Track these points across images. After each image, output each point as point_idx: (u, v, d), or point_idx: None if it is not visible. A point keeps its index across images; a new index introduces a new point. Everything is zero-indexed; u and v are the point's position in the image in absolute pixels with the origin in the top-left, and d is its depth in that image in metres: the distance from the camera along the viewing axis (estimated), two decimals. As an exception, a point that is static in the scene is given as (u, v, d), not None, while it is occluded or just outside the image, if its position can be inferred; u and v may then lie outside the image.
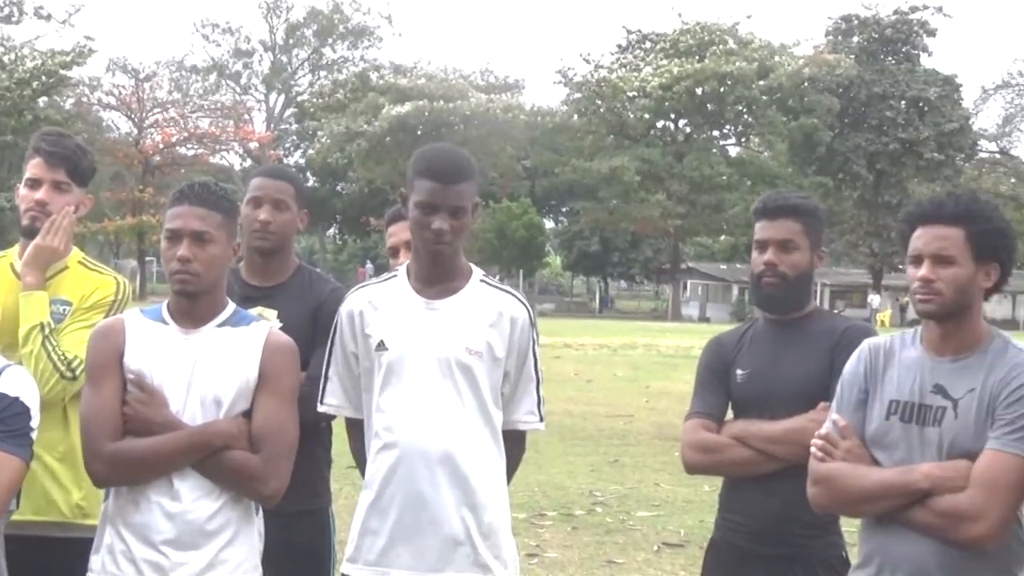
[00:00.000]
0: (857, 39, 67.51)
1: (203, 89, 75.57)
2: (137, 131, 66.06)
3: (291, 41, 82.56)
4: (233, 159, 73.98)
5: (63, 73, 54.32)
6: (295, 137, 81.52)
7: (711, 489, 7.89)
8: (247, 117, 73.30)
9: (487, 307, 3.63)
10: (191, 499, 3.33)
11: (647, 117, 64.36)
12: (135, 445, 3.32)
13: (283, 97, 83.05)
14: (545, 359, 3.90)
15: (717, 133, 67.38)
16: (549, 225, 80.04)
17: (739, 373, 3.90)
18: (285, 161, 73.72)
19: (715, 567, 4.00)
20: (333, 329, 3.74)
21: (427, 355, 3.56)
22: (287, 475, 3.41)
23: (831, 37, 68.21)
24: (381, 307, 3.65)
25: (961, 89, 67.49)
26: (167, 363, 3.38)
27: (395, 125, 60.78)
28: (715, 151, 65.75)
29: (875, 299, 62.46)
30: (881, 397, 3.30)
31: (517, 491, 8.27)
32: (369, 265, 65.39)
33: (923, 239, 3.23)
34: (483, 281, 3.69)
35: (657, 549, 8.51)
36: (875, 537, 3.30)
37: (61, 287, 3.94)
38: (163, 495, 3.32)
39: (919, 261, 3.23)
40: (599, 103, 63.84)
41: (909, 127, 64.13)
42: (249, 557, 3.42)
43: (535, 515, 9.45)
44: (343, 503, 6.02)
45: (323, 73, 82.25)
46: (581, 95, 65.26)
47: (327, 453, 4.33)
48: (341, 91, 69.66)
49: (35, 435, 3.23)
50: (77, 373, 3.73)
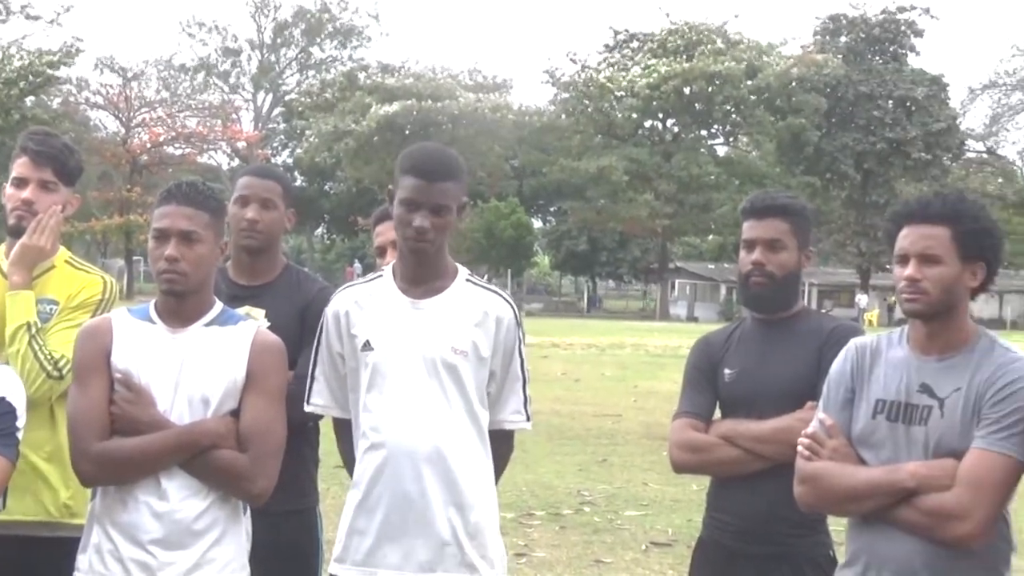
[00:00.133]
0: (845, 39, 67.64)
1: (191, 88, 75.43)
2: (125, 130, 65.86)
3: (279, 40, 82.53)
4: (221, 158, 74.00)
5: (51, 73, 54.19)
6: (283, 136, 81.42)
7: (699, 488, 7.89)
8: (235, 116, 73.25)
9: (472, 306, 3.62)
10: (179, 498, 3.32)
11: (635, 117, 64.45)
12: (122, 444, 3.32)
13: (271, 96, 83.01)
14: (533, 359, 3.91)
15: (705, 133, 67.38)
16: (537, 225, 80.00)
17: (727, 372, 3.91)
18: (273, 160, 73.61)
19: (703, 566, 4.00)
20: (319, 329, 3.73)
21: (413, 355, 3.55)
22: (275, 474, 3.40)
23: (819, 37, 68.33)
24: (367, 307, 3.64)
25: (948, 89, 67.69)
26: (154, 362, 3.38)
27: (383, 124, 60.68)
28: (703, 151, 65.75)
29: (863, 299, 62.54)
30: (868, 396, 3.31)
31: (505, 491, 8.26)
32: (357, 264, 65.35)
33: (909, 238, 3.23)
34: (469, 280, 3.69)
35: (645, 548, 8.51)
36: (861, 536, 3.31)
37: (48, 286, 3.93)
38: (151, 494, 3.32)
39: (905, 260, 3.23)
40: (587, 103, 63.83)
41: (896, 127, 64.25)
42: (237, 556, 3.42)
43: (523, 515, 9.45)
44: (331, 503, 6.01)
45: (311, 72, 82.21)
46: (569, 95, 65.27)
47: (315, 452, 4.33)
48: (329, 90, 69.47)
49: (21, 435, 3.23)
50: (64, 373, 3.72)
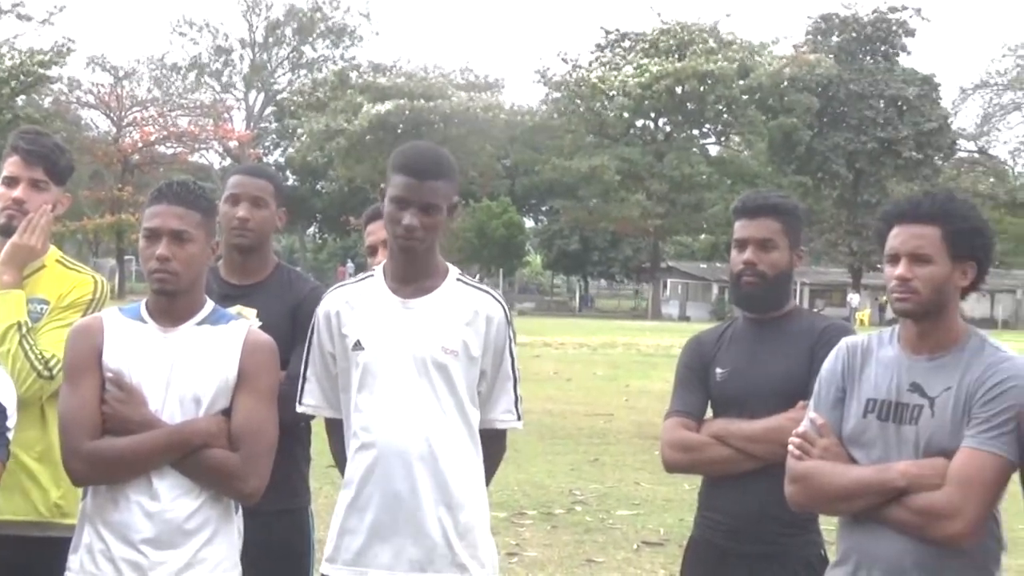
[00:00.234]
0: (836, 38, 67.65)
1: (183, 87, 75.37)
2: (116, 129, 65.77)
3: (271, 39, 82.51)
4: (212, 158, 73.83)
5: (42, 72, 54.11)
6: (275, 136, 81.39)
7: (691, 488, 7.90)
8: (226, 115, 73.08)
9: (463, 306, 3.62)
10: (170, 498, 3.32)
11: (627, 116, 64.50)
12: (114, 444, 3.31)
13: (263, 95, 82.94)
14: (525, 358, 3.91)
15: (697, 132, 67.38)
16: (529, 224, 80.00)
17: (718, 372, 3.91)
18: (265, 159, 73.61)
19: (694, 565, 4.00)
20: (310, 329, 3.73)
21: (403, 354, 3.55)
22: (267, 474, 3.40)
23: (811, 36, 68.33)
24: (357, 307, 3.64)
25: (940, 88, 67.79)
26: (146, 362, 3.37)
27: (375, 124, 60.65)
28: (695, 150, 65.73)
29: (854, 298, 62.57)
30: (858, 395, 3.32)
31: (497, 490, 8.27)
32: (350, 264, 65.25)
33: (900, 238, 3.24)
34: (459, 280, 3.68)
35: (637, 548, 8.52)
36: (852, 535, 3.31)
37: (38, 286, 3.92)
38: (142, 494, 3.31)
39: (896, 260, 3.24)
40: (578, 102, 63.81)
41: (888, 126, 64.31)
42: (228, 556, 3.42)
43: (515, 514, 9.45)
44: (323, 502, 6.00)
45: (303, 71, 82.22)
46: (560, 94, 65.28)
47: (306, 452, 4.33)
48: (321, 90, 69.42)
49: (12, 434, 3.22)
50: (54, 372, 3.71)
